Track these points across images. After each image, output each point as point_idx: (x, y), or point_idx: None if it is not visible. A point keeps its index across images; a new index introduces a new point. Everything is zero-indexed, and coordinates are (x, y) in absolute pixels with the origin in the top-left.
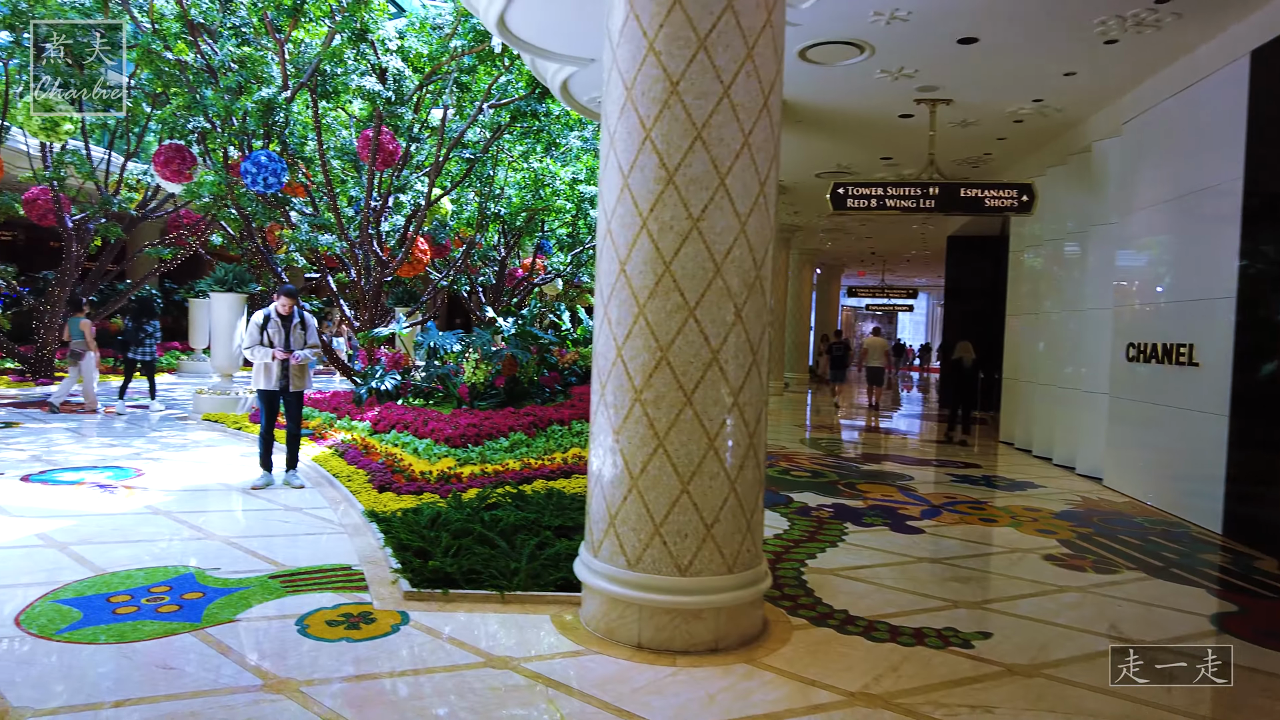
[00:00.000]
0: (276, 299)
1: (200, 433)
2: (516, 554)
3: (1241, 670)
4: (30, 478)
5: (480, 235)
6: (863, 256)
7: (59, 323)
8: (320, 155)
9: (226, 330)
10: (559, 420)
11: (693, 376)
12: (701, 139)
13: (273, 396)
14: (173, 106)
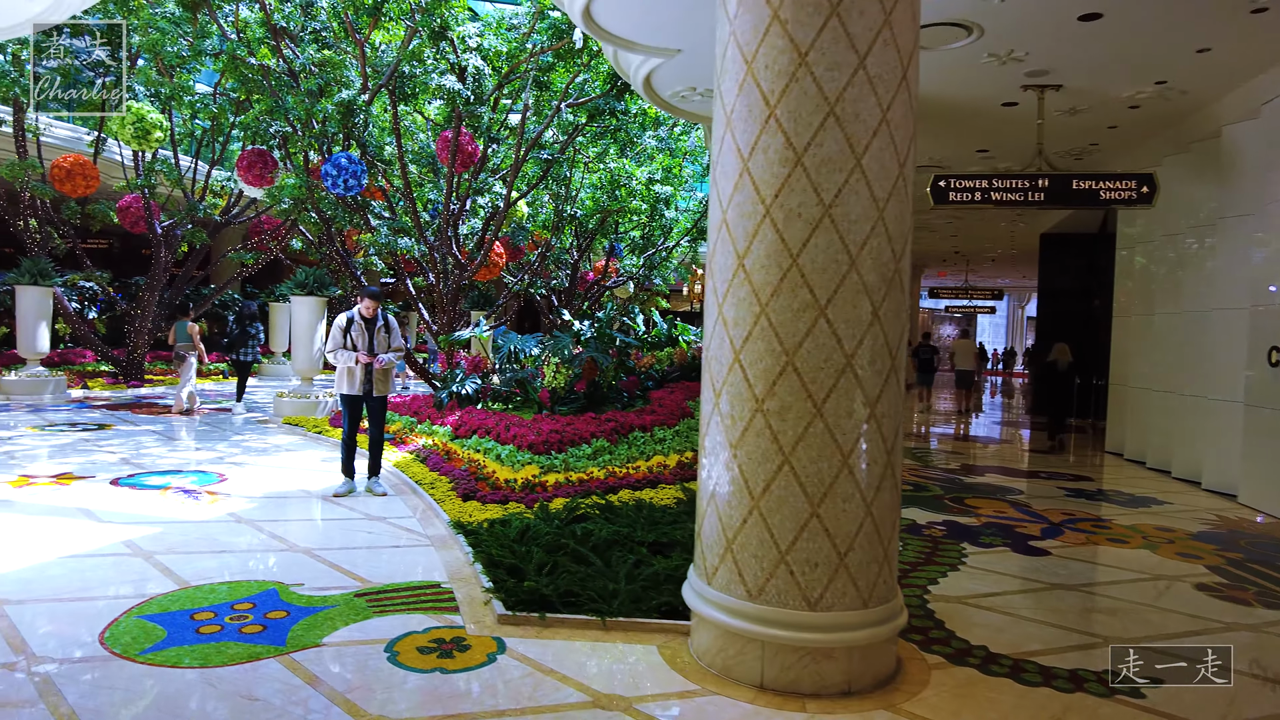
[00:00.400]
0: (360, 301)
1: (281, 436)
2: (613, 573)
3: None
4: (119, 481)
5: (556, 238)
6: (945, 256)
7: (149, 326)
8: (399, 157)
9: (307, 333)
10: (641, 426)
11: (823, 384)
12: (834, 115)
13: (355, 401)
14: (255, 111)
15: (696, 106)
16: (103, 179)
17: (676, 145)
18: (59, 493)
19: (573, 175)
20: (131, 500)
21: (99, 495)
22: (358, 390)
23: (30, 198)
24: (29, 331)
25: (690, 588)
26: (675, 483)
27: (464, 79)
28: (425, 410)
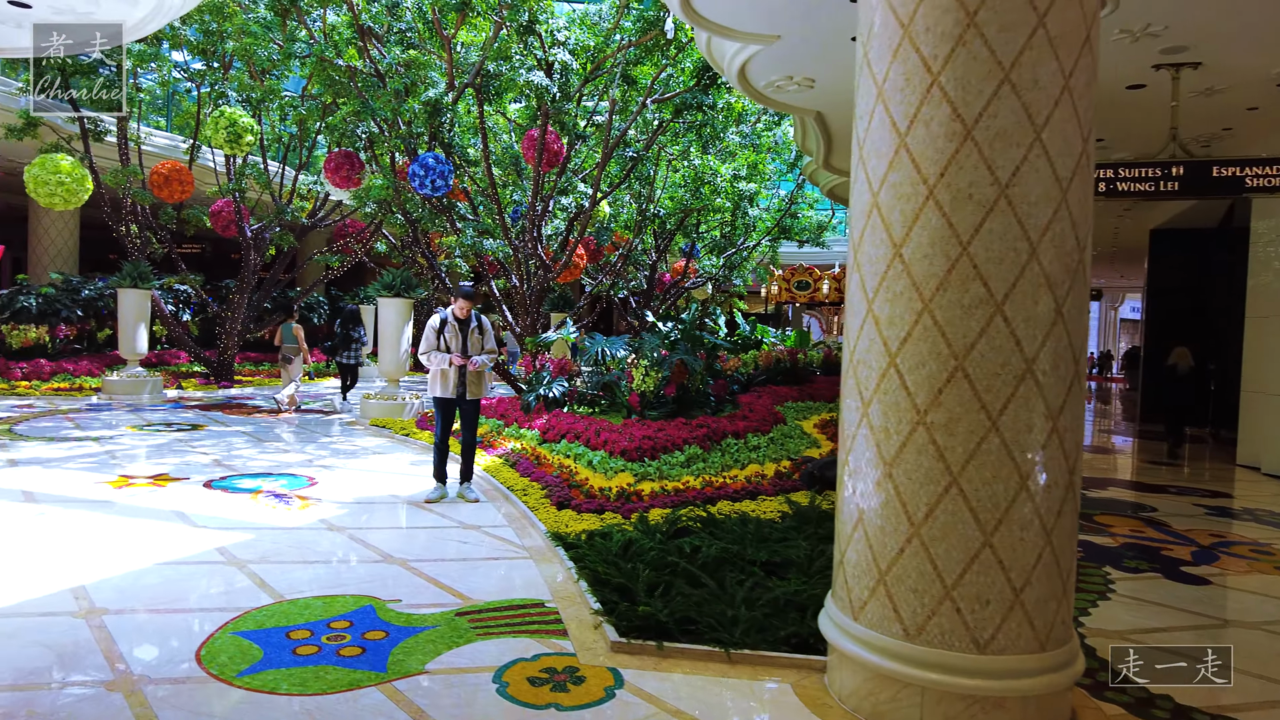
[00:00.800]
0: (454, 301)
1: (369, 439)
2: (728, 596)
3: None
4: (212, 484)
5: (638, 239)
6: None
7: (238, 328)
8: (484, 157)
9: (394, 335)
10: (734, 433)
11: (999, 393)
12: (1010, 81)
13: (448, 405)
14: (342, 113)
15: (791, 97)
16: (196, 185)
17: (759, 141)
18: (155, 494)
19: (657, 173)
20: (224, 504)
21: (193, 498)
22: (450, 393)
23: (131, 204)
24: (129, 333)
25: (829, 620)
26: (776, 494)
27: (551, 74)
28: (512, 413)
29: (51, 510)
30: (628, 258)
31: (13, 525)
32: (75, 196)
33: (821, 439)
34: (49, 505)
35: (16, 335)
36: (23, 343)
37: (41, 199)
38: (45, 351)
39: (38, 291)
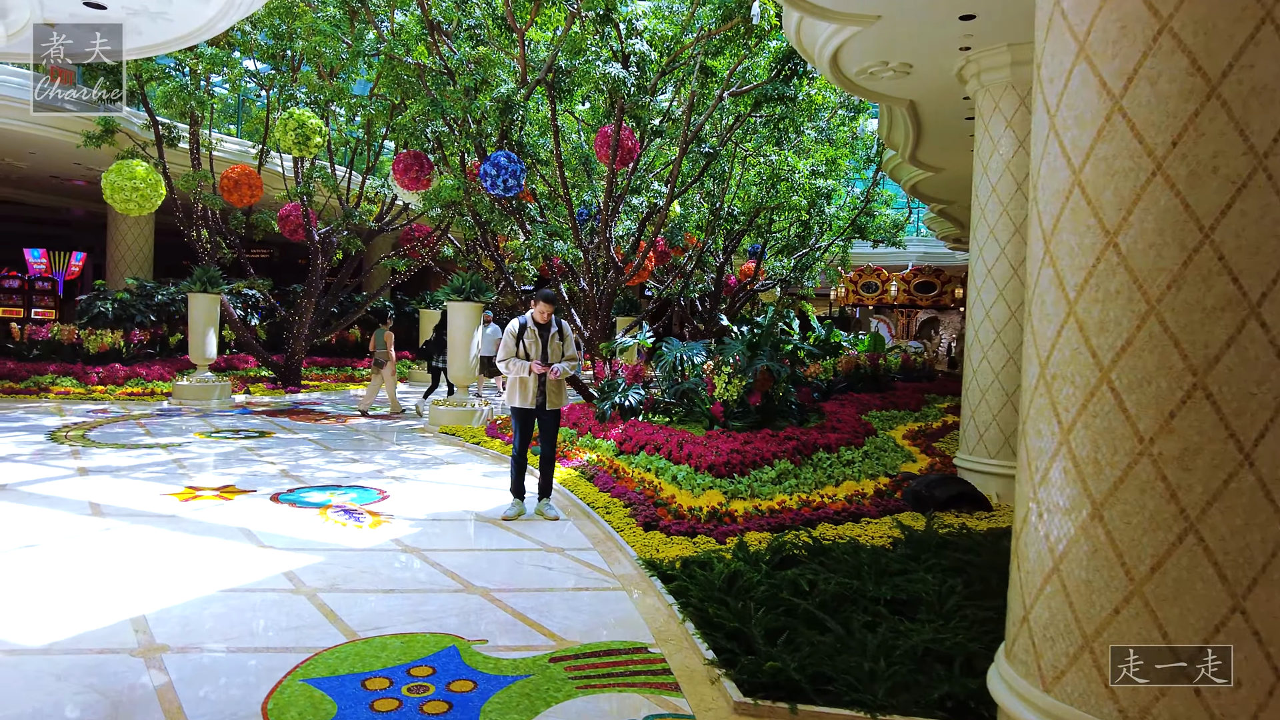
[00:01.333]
0: (534, 305)
1: (438, 447)
2: (856, 643)
3: None
4: (280, 497)
5: (710, 239)
6: None
7: (305, 332)
8: (556, 155)
9: (463, 340)
10: (825, 446)
11: (1254, 418)
12: (1271, 20)
13: (527, 415)
14: (411, 112)
15: (884, 85)
16: (265, 190)
17: (835, 136)
18: (221, 509)
19: (732, 170)
20: (292, 520)
21: (259, 513)
22: (530, 403)
23: (202, 208)
24: (199, 338)
25: (1005, 687)
26: (880, 515)
27: (627, 66)
28: (586, 422)
29: (117, 525)
30: (700, 259)
31: (78, 542)
32: (149, 202)
33: (915, 452)
34: (114, 520)
35: (94, 340)
36: (99, 347)
37: (118, 204)
38: (120, 356)
39: (114, 297)
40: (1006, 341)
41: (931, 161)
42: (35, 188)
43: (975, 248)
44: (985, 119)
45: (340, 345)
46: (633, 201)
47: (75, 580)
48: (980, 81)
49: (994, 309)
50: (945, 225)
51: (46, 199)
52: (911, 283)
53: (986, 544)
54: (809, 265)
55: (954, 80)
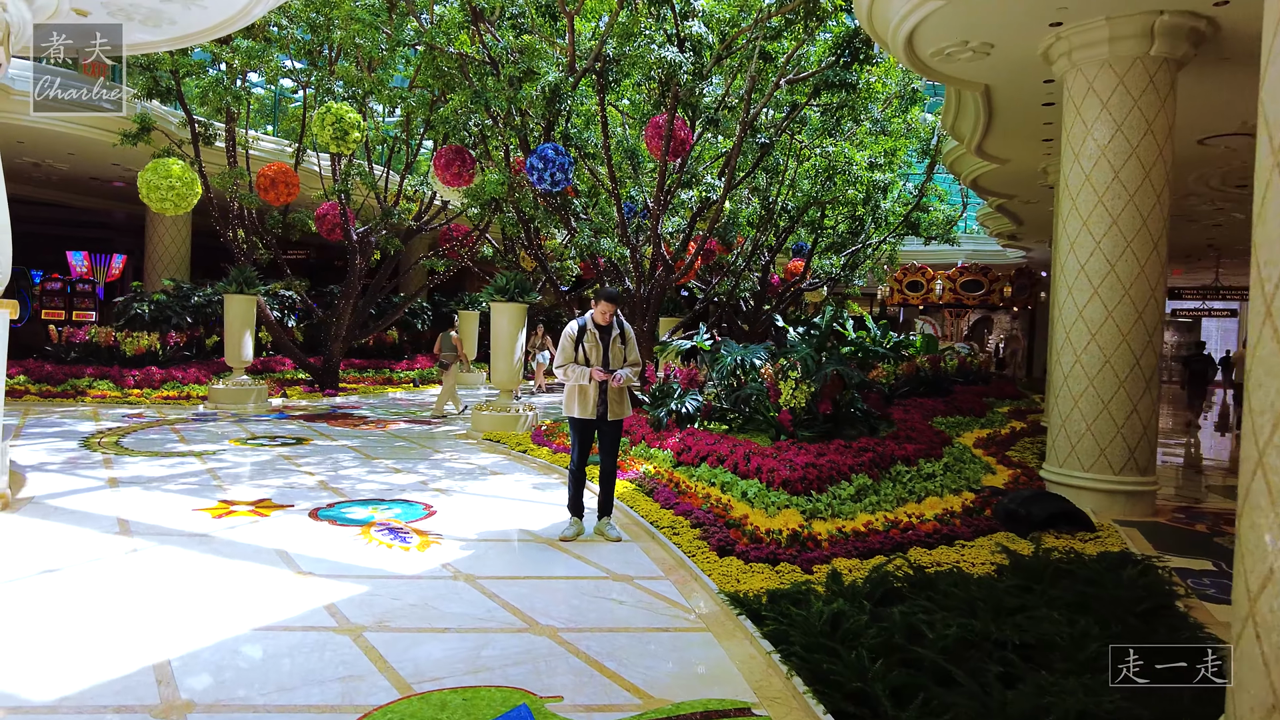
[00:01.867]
0: (594, 305)
1: (483, 456)
2: (996, 702)
3: None
4: (319, 514)
5: (762, 236)
6: (1191, 250)
7: (343, 334)
8: (605, 148)
9: (507, 343)
10: (902, 457)
11: None
12: None
13: (587, 427)
14: (453, 104)
15: (959, 68)
16: (301, 189)
17: (890, 127)
18: (256, 527)
19: (786, 163)
20: (332, 540)
21: (298, 532)
22: (590, 413)
23: (238, 207)
24: (235, 340)
25: None
26: (973, 537)
27: (682, 50)
28: (639, 430)
29: (144, 546)
30: (752, 257)
31: (102, 567)
32: (185, 201)
33: (991, 462)
34: (142, 539)
35: (130, 342)
36: (135, 350)
37: (153, 203)
38: (156, 359)
39: (150, 298)
40: (1103, 344)
41: (998, 152)
42: (77, 190)
43: (1064, 242)
44: (1076, 102)
45: (378, 347)
46: (681, 196)
47: (95, 615)
48: (1071, 60)
49: (1088, 309)
50: (1000, 221)
51: (88, 201)
52: (958, 281)
53: (1106, 573)
54: (859, 263)
55: (1037, 61)
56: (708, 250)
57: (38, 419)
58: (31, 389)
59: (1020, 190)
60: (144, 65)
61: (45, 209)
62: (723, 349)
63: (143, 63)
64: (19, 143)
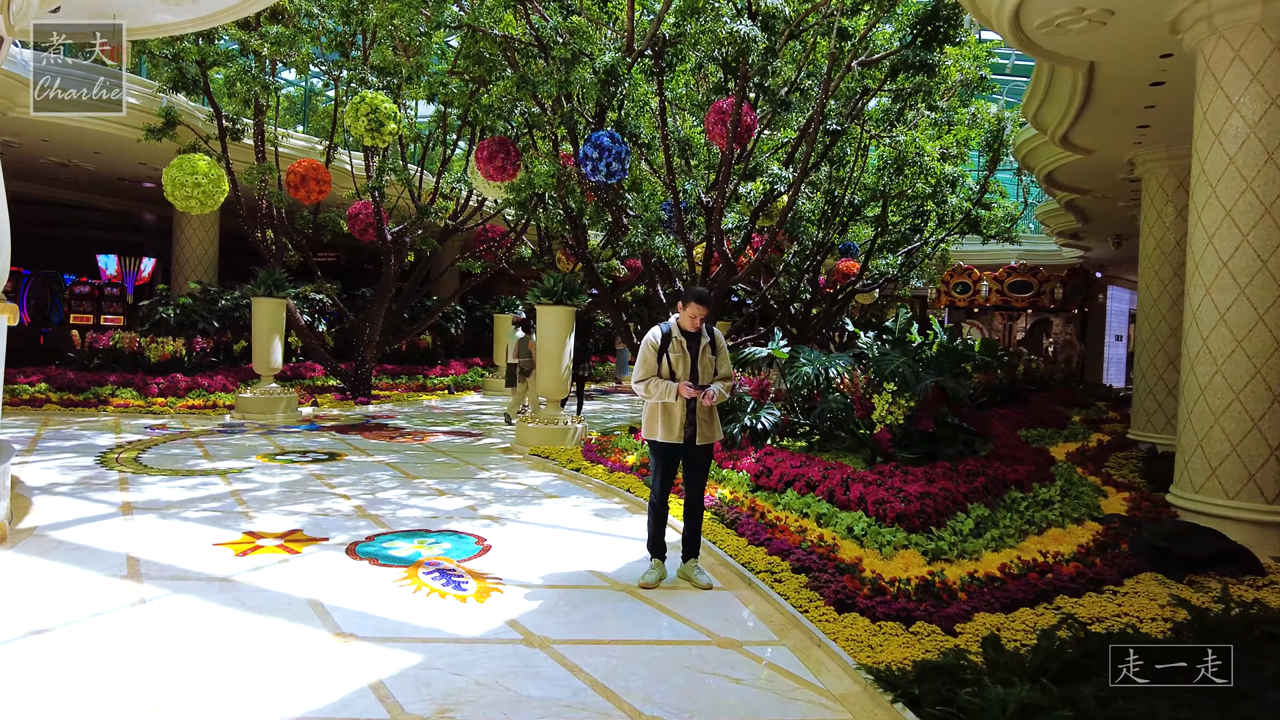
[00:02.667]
0: (680, 309)
1: (533, 474)
2: None
3: None
4: (358, 549)
5: (827, 232)
6: None
7: (376, 339)
8: (662, 136)
9: (554, 348)
10: (1015, 481)
11: None
12: None
13: (672, 453)
14: (498, 90)
15: (1068, 42)
16: (332, 189)
17: (954, 116)
18: (286, 568)
19: (855, 154)
20: (375, 586)
21: (334, 574)
22: (676, 436)
23: (266, 206)
24: (264, 346)
25: None
26: (1121, 580)
27: (755, 20)
28: None
29: (154, 595)
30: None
31: (102, 625)
32: (211, 199)
33: (1097, 482)
34: (153, 586)
35: (154, 348)
36: (160, 356)
37: (178, 202)
38: (181, 365)
39: (176, 302)
40: (1251, 352)
41: (1085, 142)
42: (106, 191)
43: (1199, 236)
44: (1218, 74)
45: (411, 352)
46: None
47: (84, 699)
48: (1211, 25)
49: (1231, 311)
50: (1063, 219)
51: (118, 203)
52: (1005, 282)
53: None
54: (917, 263)
55: (1160, 31)
56: (780, 246)
57: (56, 431)
58: (53, 397)
59: (1098, 184)
60: (169, 56)
61: (75, 211)
62: (801, 357)
63: (168, 53)
64: (43, 141)
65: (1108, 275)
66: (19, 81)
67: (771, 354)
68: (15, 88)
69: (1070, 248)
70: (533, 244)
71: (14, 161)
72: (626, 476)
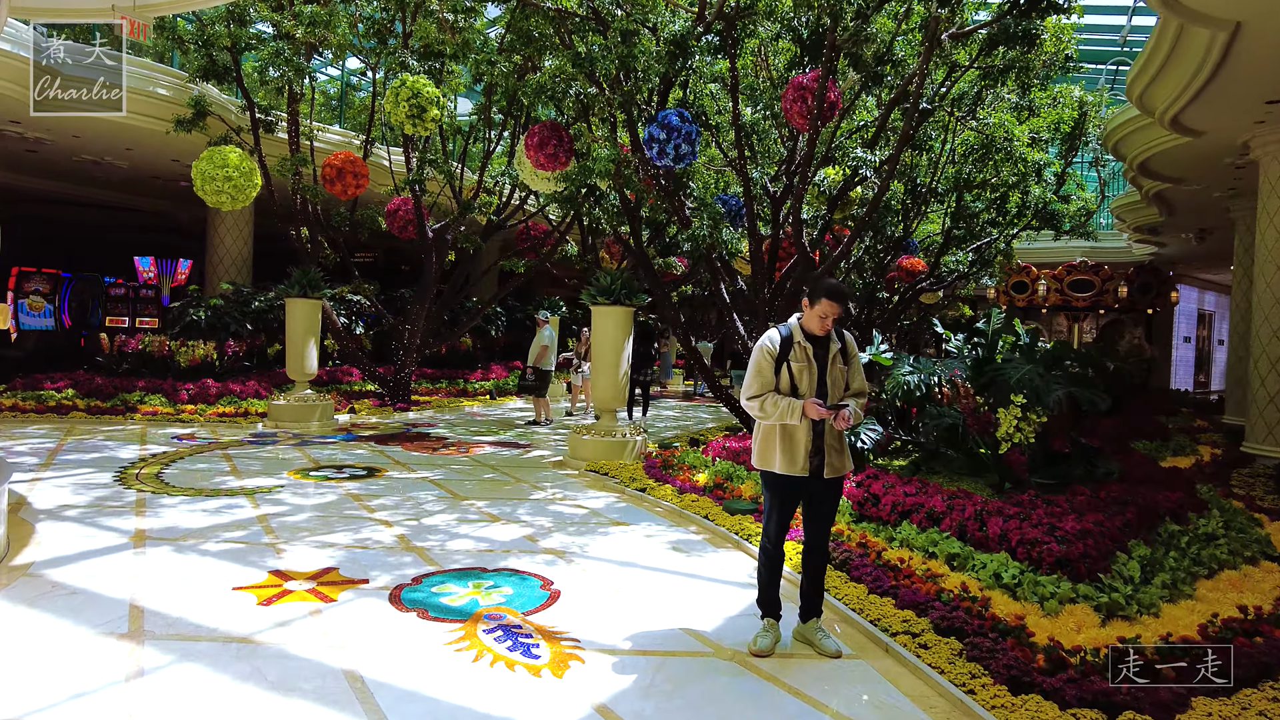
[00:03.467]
0: (805, 307)
1: (592, 495)
2: None
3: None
4: (404, 596)
5: (913, 224)
6: None
7: (417, 343)
8: (734, 116)
9: (611, 353)
10: (1169, 511)
11: None
12: None
13: (793, 487)
14: (550, 69)
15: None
16: (370, 185)
17: (1034, 100)
18: (319, 622)
19: (944, 137)
20: (425, 650)
21: (375, 632)
22: (799, 468)
23: (301, 202)
24: (298, 350)
25: None
26: None
27: None
28: None
29: (155, 664)
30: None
31: (83, 710)
32: (243, 193)
33: (1240, 507)
34: (154, 651)
35: (184, 352)
36: (190, 360)
37: (208, 197)
38: (212, 370)
39: (207, 304)
40: None
41: (1198, 122)
42: (141, 191)
43: None
44: None
45: (451, 355)
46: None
47: None
48: None
49: None
50: (1144, 213)
51: (154, 204)
52: (1064, 281)
53: None
54: (991, 259)
55: None
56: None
57: (79, 441)
58: (79, 404)
59: (1197, 172)
60: (200, 42)
61: (114, 213)
62: (906, 365)
63: (198, 39)
64: (74, 137)
65: (1177, 273)
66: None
67: (873, 359)
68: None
69: (1145, 243)
70: (575, 242)
71: (48, 160)
72: (700, 500)
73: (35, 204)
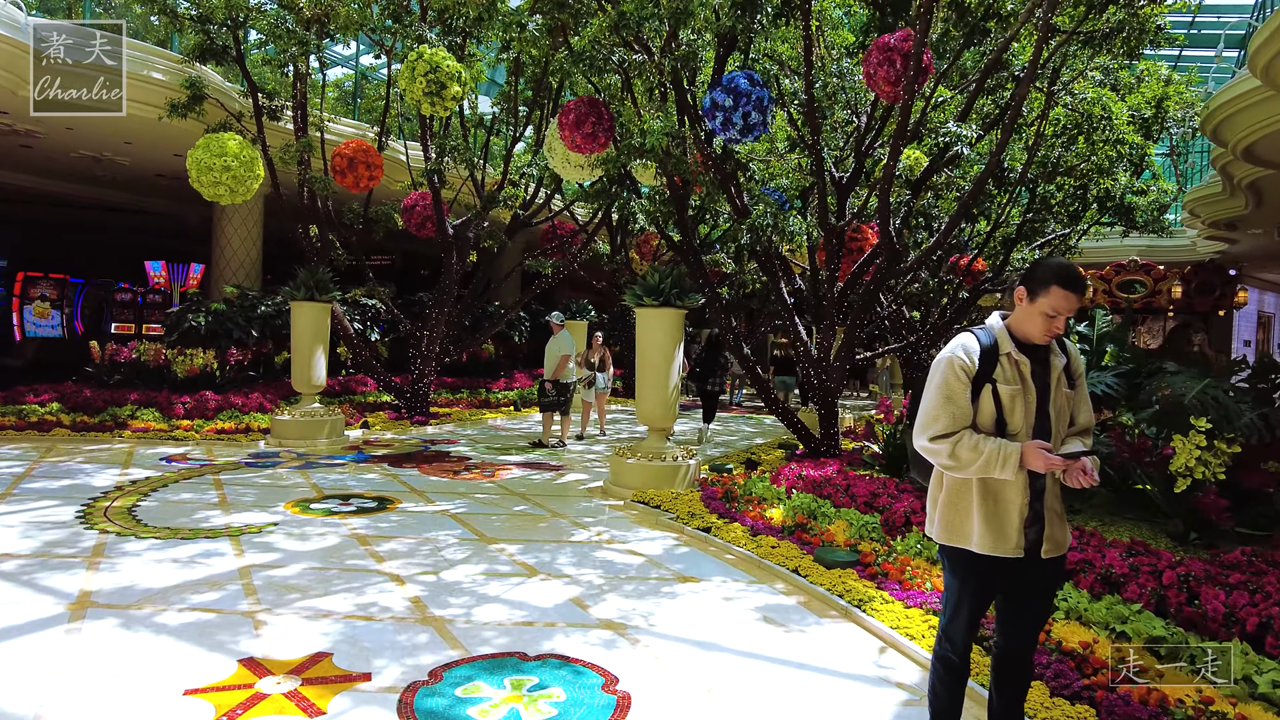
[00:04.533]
0: (1021, 301)
1: (646, 535)
2: None
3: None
4: (417, 703)
5: (1000, 210)
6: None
7: (436, 350)
8: (807, 84)
9: (661, 361)
10: None
11: None
12: None
13: (996, 572)
14: (591, 31)
15: None
16: (384, 177)
17: (1118, 78)
18: None
19: (1040, 114)
20: None
21: None
22: (1012, 546)
23: (309, 195)
24: (304, 359)
25: None
26: None
27: None
28: (895, 505)
29: None
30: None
31: None
32: (243, 185)
33: None
34: None
35: (182, 362)
36: (188, 370)
37: (205, 189)
38: (212, 381)
39: (207, 309)
40: None
41: None
42: (146, 191)
43: None
44: None
45: (472, 363)
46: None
47: None
48: None
49: None
50: (1222, 205)
51: (162, 204)
52: (1113, 281)
53: None
54: (1063, 255)
55: None
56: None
57: (53, 464)
58: (64, 419)
59: None
60: (195, 17)
61: (124, 215)
62: None
63: (194, 13)
64: (68, 129)
65: (1239, 272)
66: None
67: None
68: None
69: (1216, 239)
70: (603, 241)
71: (45, 157)
72: (781, 545)
73: (39, 206)
